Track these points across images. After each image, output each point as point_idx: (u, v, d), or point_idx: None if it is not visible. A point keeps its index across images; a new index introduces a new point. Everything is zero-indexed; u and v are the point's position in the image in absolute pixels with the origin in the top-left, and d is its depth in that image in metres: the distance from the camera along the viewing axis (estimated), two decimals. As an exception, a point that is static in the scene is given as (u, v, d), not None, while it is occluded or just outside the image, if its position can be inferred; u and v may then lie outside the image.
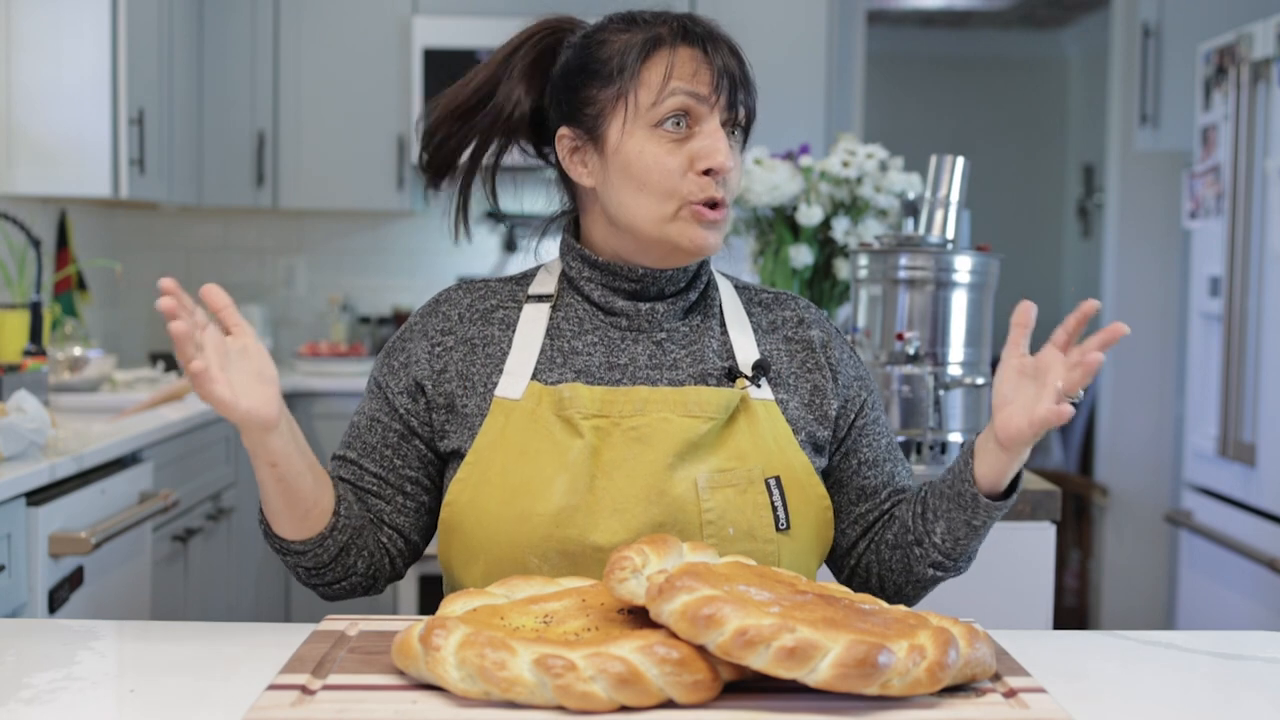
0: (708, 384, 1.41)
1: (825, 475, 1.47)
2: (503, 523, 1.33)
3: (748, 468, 1.36)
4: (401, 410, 1.43)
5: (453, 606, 1.15)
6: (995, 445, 1.33)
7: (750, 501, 1.35)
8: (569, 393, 1.36)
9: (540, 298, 1.46)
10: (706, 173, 1.37)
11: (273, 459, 1.27)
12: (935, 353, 2.13)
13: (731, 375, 1.42)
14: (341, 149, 4.31)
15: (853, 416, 1.48)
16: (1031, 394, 1.29)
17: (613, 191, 1.41)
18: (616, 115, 1.40)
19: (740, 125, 1.43)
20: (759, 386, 1.42)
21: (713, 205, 1.38)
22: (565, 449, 1.34)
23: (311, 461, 1.33)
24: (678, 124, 1.37)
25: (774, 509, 1.35)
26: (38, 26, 3.41)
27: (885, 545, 1.47)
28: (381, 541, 1.43)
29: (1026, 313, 1.31)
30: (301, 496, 1.32)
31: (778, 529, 1.35)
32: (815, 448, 1.44)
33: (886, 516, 1.48)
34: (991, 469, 1.34)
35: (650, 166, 1.38)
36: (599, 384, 1.40)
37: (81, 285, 3.99)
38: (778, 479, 1.37)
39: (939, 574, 1.44)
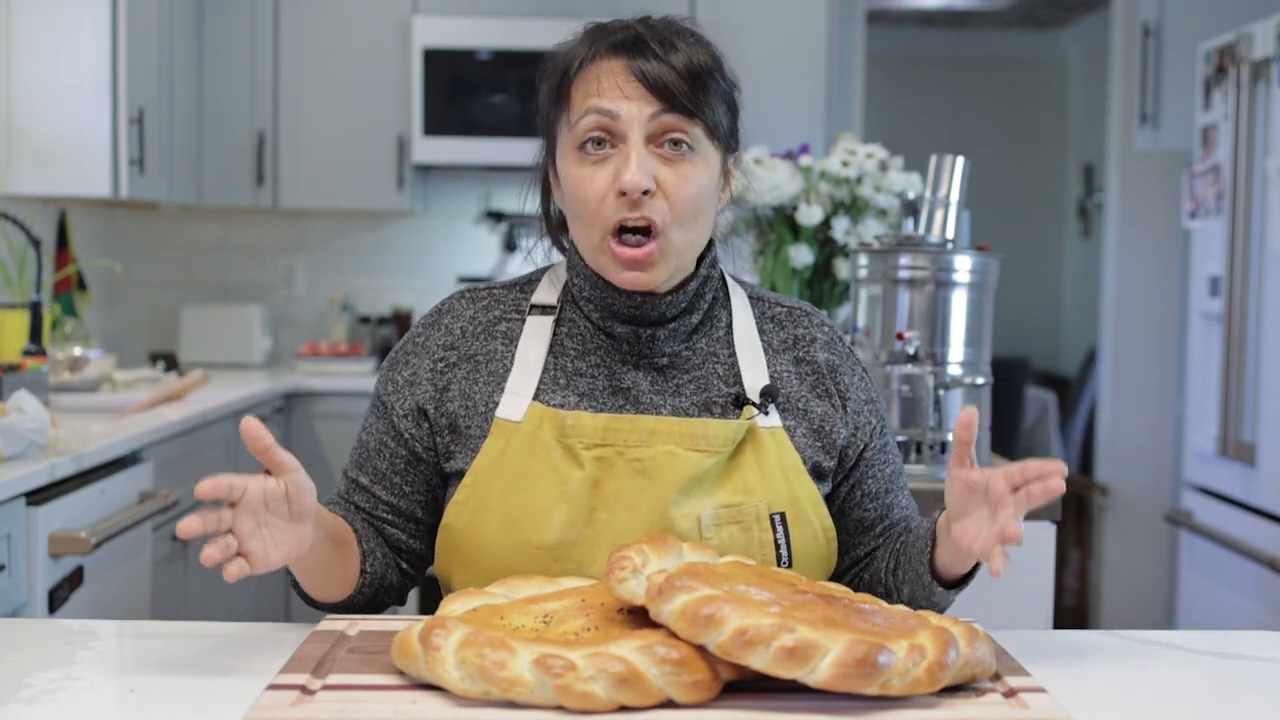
0: (713, 412, 1.37)
1: (828, 500, 1.44)
2: (500, 552, 1.32)
3: (754, 502, 1.33)
4: (406, 435, 1.41)
5: (453, 606, 1.15)
6: (953, 546, 1.28)
7: (754, 539, 1.33)
8: (572, 420, 1.33)
9: (543, 309, 1.42)
10: (624, 194, 1.30)
11: (300, 567, 1.27)
12: (935, 352, 2.13)
13: (739, 402, 1.38)
14: (341, 149, 4.31)
15: (861, 447, 1.44)
16: (984, 516, 1.22)
17: (569, 219, 1.38)
18: (559, 139, 1.37)
19: (681, 136, 1.32)
20: (766, 414, 1.38)
21: (623, 231, 1.31)
22: (565, 479, 1.32)
23: (335, 536, 1.31)
24: (599, 144, 1.32)
25: (777, 547, 1.33)
26: (38, 26, 3.41)
27: (862, 584, 1.47)
28: (403, 568, 1.44)
29: (969, 429, 1.22)
30: (328, 576, 1.32)
31: (779, 566, 1.33)
32: (818, 475, 1.41)
33: (872, 554, 1.47)
34: (951, 560, 1.30)
35: (575, 193, 1.34)
36: (602, 409, 1.36)
37: (81, 285, 3.99)
38: (782, 515, 1.34)
39: None
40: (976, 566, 1.33)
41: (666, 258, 1.33)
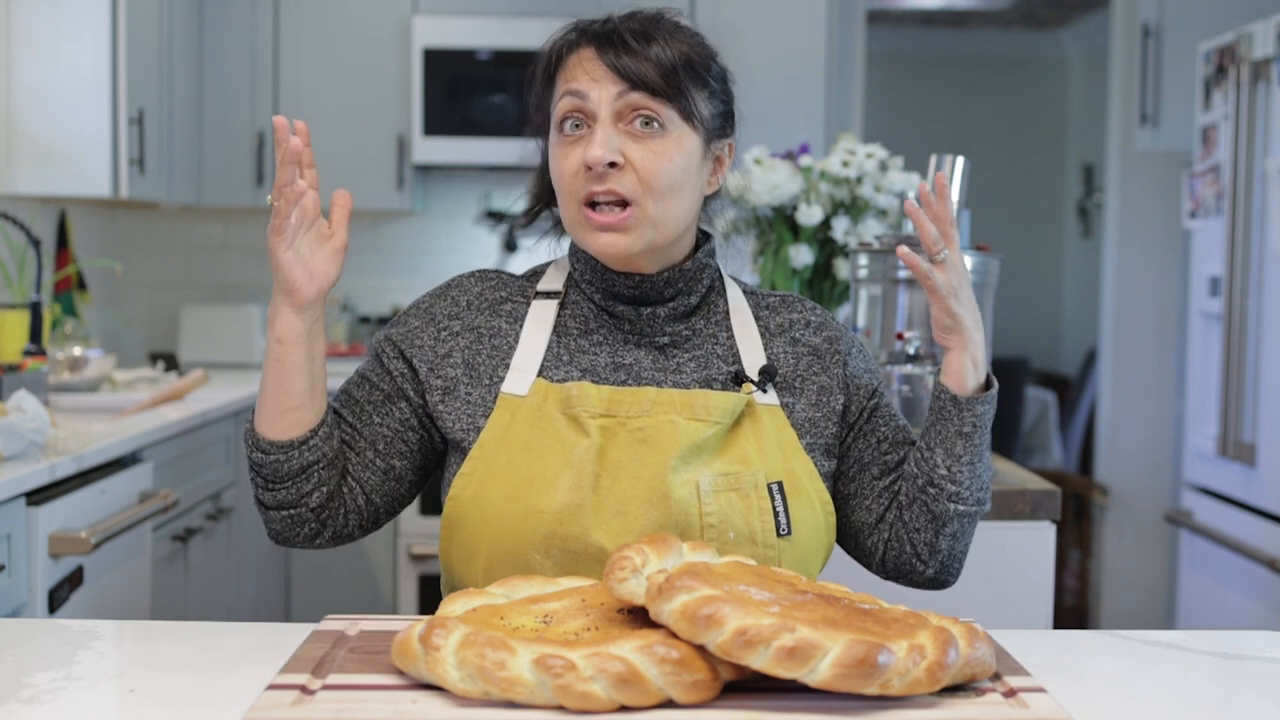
0: (713, 388, 1.42)
1: (844, 460, 1.48)
2: (506, 518, 1.34)
3: (751, 472, 1.36)
4: (395, 373, 1.45)
5: (453, 606, 1.15)
6: (944, 356, 1.42)
7: (752, 506, 1.35)
8: (577, 391, 1.36)
9: (548, 294, 1.47)
10: (590, 169, 1.36)
11: (280, 335, 1.33)
12: (935, 353, 2.13)
13: (737, 379, 1.42)
14: (341, 149, 4.31)
15: (865, 400, 1.48)
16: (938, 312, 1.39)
17: (558, 202, 1.44)
18: (548, 125, 1.44)
19: (650, 114, 1.36)
20: (765, 392, 1.42)
21: (594, 204, 1.37)
22: (571, 446, 1.35)
23: (316, 378, 1.37)
24: (577, 126, 1.38)
25: (775, 514, 1.36)
26: (38, 26, 3.41)
27: (903, 507, 1.46)
28: (342, 491, 1.43)
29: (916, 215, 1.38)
30: (288, 393, 1.35)
31: (779, 534, 1.35)
32: (825, 450, 1.44)
33: (900, 481, 1.49)
34: (949, 371, 1.41)
35: (554, 170, 1.41)
36: (605, 384, 1.40)
37: (81, 285, 3.99)
38: (780, 484, 1.37)
39: (959, 507, 1.42)
40: (990, 383, 1.43)
41: (641, 226, 1.38)
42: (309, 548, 1.45)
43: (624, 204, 1.37)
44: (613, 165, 1.35)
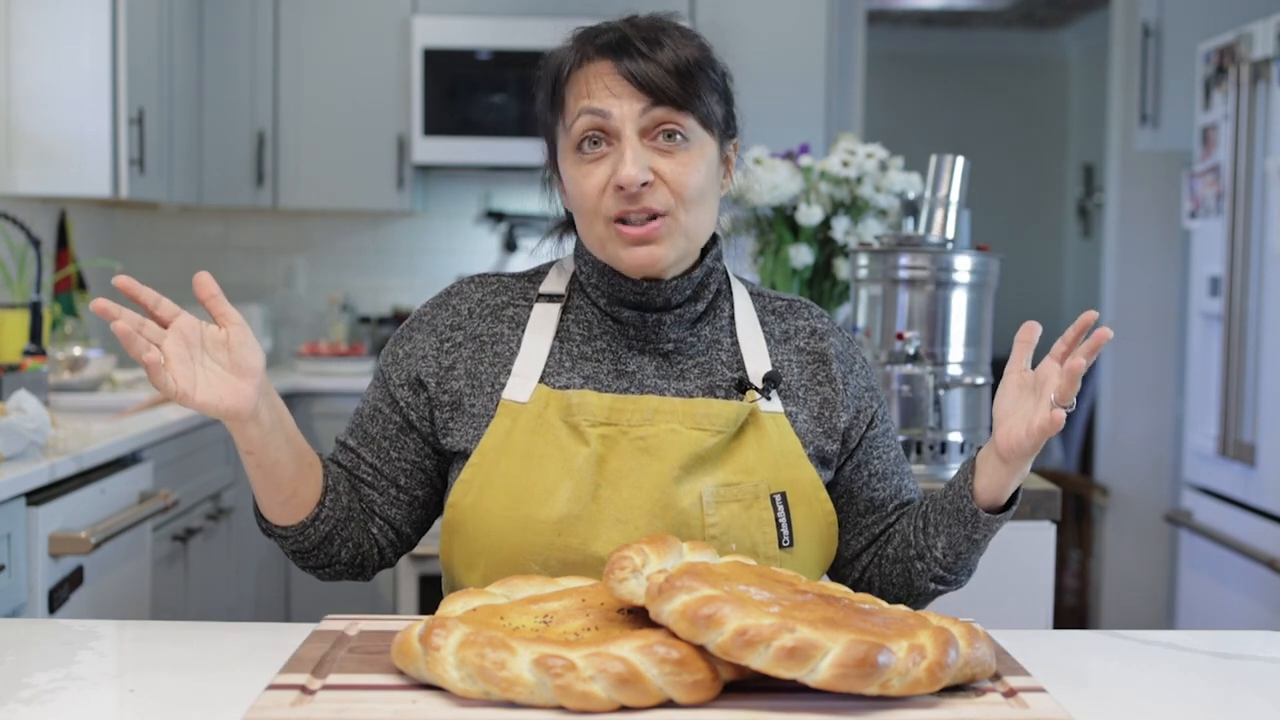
0: (716, 396, 1.40)
1: (833, 486, 1.47)
2: (505, 527, 1.33)
3: (754, 482, 1.35)
4: (402, 404, 1.43)
5: (453, 606, 1.15)
6: (996, 458, 1.34)
7: (755, 517, 1.34)
8: (578, 399, 1.35)
9: (551, 297, 1.45)
10: (621, 189, 1.33)
11: (248, 447, 1.29)
12: (935, 352, 2.13)
13: (741, 387, 1.41)
14: (341, 149, 4.31)
15: (864, 428, 1.47)
16: (1030, 406, 1.31)
17: (575, 218, 1.42)
18: (558, 143, 1.41)
19: (675, 128, 1.34)
20: (769, 399, 1.40)
21: (625, 221, 1.34)
22: (571, 455, 1.34)
23: (299, 452, 1.34)
24: (595, 143, 1.35)
25: (778, 526, 1.35)
26: (38, 26, 3.41)
27: (886, 560, 1.47)
28: (371, 533, 1.44)
29: (1030, 331, 1.33)
30: (280, 485, 1.34)
31: (781, 546, 1.35)
32: (822, 461, 1.43)
33: (890, 530, 1.49)
34: (992, 482, 1.35)
35: (577, 192, 1.37)
36: (607, 392, 1.39)
37: (81, 285, 3.99)
38: (783, 495, 1.36)
39: (939, 587, 1.45)
40: (1017, 495, 1.38)
41: (674, 235, 1.36)
42: (360, 580, 1.47)
43: (654, 215, 1.35)
44: (644, 184, 1.33)
